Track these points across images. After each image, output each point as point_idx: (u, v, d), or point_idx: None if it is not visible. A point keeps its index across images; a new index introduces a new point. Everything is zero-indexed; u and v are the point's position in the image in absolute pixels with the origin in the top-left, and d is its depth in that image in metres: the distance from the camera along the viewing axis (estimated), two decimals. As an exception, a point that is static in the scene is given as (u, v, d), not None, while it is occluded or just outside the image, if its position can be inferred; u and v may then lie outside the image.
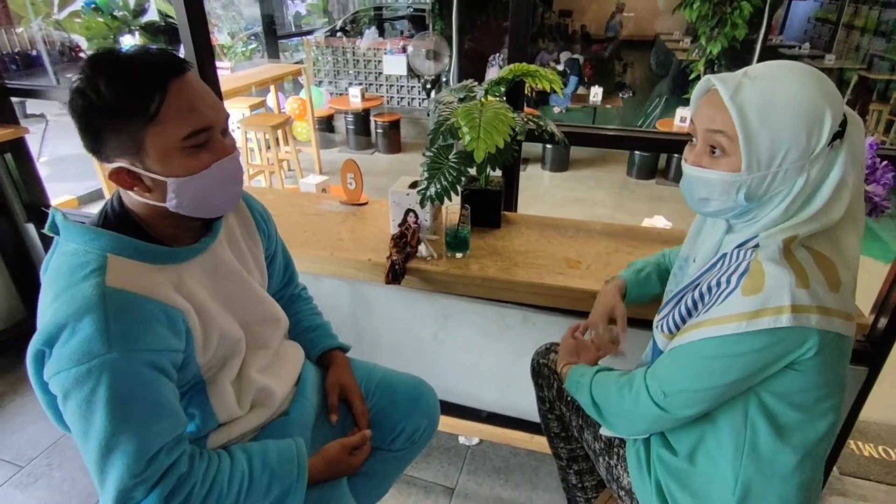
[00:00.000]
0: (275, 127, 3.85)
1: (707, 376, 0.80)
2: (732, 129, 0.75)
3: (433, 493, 1.73)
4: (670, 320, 0.90)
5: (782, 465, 0.83)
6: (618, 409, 0.91)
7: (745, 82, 0.76)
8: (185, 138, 0.74)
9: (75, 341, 0.68)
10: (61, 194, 3.94)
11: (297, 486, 0.86)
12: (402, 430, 1.14)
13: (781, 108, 0.73)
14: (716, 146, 0.78)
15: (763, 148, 0.74)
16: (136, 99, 0.70)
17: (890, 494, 1.81)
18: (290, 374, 1.03)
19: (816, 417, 0.81)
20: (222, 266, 0.89)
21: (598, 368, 1.01)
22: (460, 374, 1.79)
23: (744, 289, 0.75)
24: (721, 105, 0.76)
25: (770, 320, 0.73)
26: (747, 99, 0.74)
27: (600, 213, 4.24)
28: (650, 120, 5.63)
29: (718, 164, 0.78)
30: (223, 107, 0.81)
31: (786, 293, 0.72)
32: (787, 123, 0.73)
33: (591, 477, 1.27)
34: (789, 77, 0.75)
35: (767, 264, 0.75)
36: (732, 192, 0.78)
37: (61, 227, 0.77)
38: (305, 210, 1.65)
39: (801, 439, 0.82)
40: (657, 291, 1.13)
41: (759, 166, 0.75)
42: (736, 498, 0.85)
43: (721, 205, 0.80)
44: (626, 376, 0.92)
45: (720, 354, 0.77)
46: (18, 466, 1.83)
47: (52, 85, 5.30)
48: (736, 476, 0.85)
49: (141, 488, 0.71)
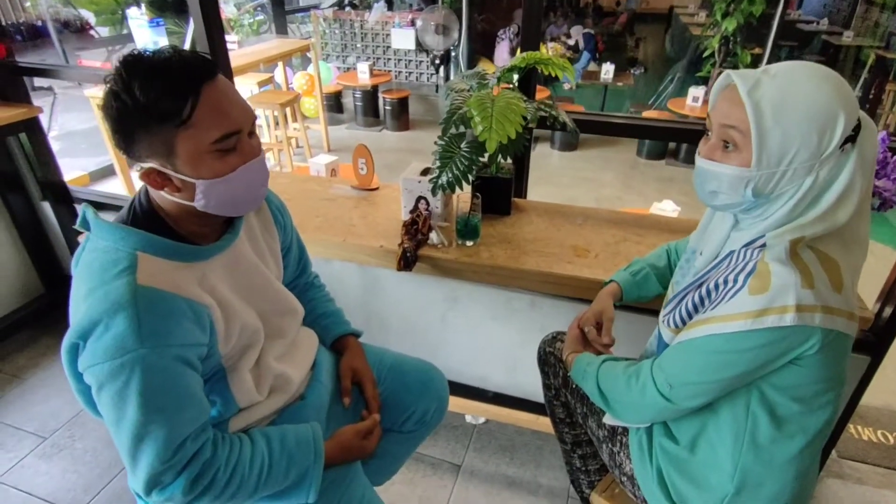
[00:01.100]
0: (283, 105, 3.83)
1: (712, 370, 0.82)
2: (746, 124, 0.76)
3: (440, 469, 1.79)
4: (676, 315, 0.92)
5: (780, 454, 0.86)
6: (624, 399, 0.94)
7: (764, 79, 0.77)
8: (215, 142, 0.76)
9: (109, 337, 0.71)
10: (73, 170, 3.97)
11: (314, 468, 0.90)
12: (412, 413, 1.18)
13: (795, 108, 0.74)
14: (729, 141, 0.80)
15: (774, 145, 0.76)
16: (170, 103, 0.72)
17: (886, 477, 1.86)
18: (305, 360, 1.07)
19: (815, 410, 0.84)
20: (242, 261, 0.92)
21: (604, 358, 1.03)
22: (468, 356, 1.83)
23: (750, 288, 0.77)
24: (737, 100, 0.77)
25: (775, 319, 0.75)
26: (764, 96, 0.75)
27: (608, 195, 4.23)
28: (662, 99, 5.54)
29: (730, 158, 0.80)
30: (251, 108, 0.82)
31: (791, 293, 0.74)
32: (800, 123, 0.74)
33: (595, 461, 1.30)
34: (807, 78, 0.75)
35: (774, 265, 0.76)
36: (741, 187, 0.79)
37: (92, 224, 0.79)
38: (318, 195, 1.66)
39: (799, 430, 0.85)
40: (657, 291, 1.15)
41: (769, 163, 0.77)
42: (734, 485, 0.89)
43: (729, 199, 0.82)
44: (633, 367, 0.95)
45: (726, 350, 0.80)
46: (42, 438, 1.90)
47: (63, 64, 5.26)
48: (735, 464, 0.88)
49: (169, 473, 0.75)
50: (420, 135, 5.55)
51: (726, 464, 0.89)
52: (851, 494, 1.79)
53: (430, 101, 6.01)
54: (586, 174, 4.59)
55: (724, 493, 0.90)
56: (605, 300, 1.15)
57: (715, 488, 0.91)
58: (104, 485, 1.74)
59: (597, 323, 1.13)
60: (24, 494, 1.70)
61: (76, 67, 3.47)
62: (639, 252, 1.36)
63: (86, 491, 1.72)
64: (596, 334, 1.12)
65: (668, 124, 1.53)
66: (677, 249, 1.19)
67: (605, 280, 1.24)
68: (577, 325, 1.14)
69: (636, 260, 1.19)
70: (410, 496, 1.69)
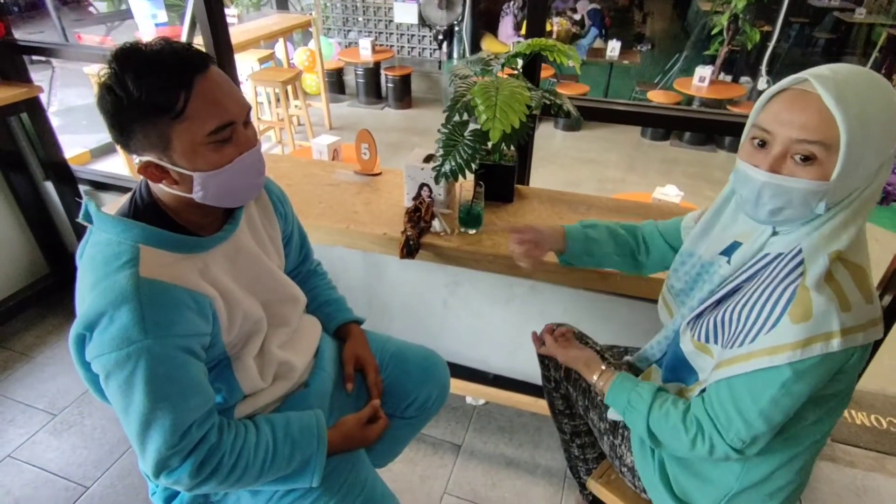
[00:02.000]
0: (285, 82, 3.79)
1: (778, 408, 0.78)
2: (835, 138, 0.69)
3: (441, 448, 1.84)
4: (707, 327, 0.87)
5: (787, 454, 0.88)
6: (688, 453, 0.88)
7: (842, 85, 0.70)
8: (210, 134, 0.76)
9: (114, 328, 0.73)
10: (73, 147, 3.95)
11: (317, 454, 0.93)
12: (414, 399, 1.21)
13: (876, 117, 0.70)
14: (808, 156, 0.72)
15: (863, 159, 0.71)
16: (164, 96, 0.72)
17: (877, 461, 1.90)
18: (308, 347, 1.09)
19: (824, 416, 0.85)
20: (243, 251, 0.93)
21: (650, 399, 0.92)
22: (468, 339, 1.85)
23: (792, 316, 0.73)
24: (821, 110, 0.70)
25: (821, 346, 0.73)
26: (850, 103, 0.69)
27: (612, 176, 4.20)
28: (668, 78, 5.46)
29: (804, 171, 0.72)
30: (245, 99, 0.82)
31: (834, 319, 0.72)
32: (882, 133, 0.70)
33: (593, 450, 1.32)
34: (877, 87, 0.71)
35: (813, 293, 0.73)
36: (814, 202, 0.73)
37: (95, 217, 0.80)
38: (320, 180, 1.66)
39: (806, 433, 0.86)
40: (607, 256, 1.11)
41: (854, 176, 0.72)
42: (739, 483, 0.90)
43: (797, 214, 0.76)
44: (690, 418, 0.86)
45: (784, 385, 0.76)
46: (52, 414, 1.95)
47: (64, 43, 5.17)
48: (744, 464, 0.89)
49: (176, 457, 0.78)
50: (423, 113, 5.49)
51: (735, 462, 0.89)
52: (842, 477, 1.83)
53: (432, 78, 5.93)
54: (590, 155, 4.56)
55: (728, 489, 0.92)
56: (550, 234, 1.11)
57: (718, 484, 0.92)
58: (114, 460, 1.79)
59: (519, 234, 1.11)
60: (36, 469, 1.75)
61: (77, 46, 3.42)
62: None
63: (96, 466, 1.77)
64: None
65: (671, 112, 1.52)
66: (651, 234, 1.14)
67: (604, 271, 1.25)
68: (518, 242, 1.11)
69: (593, 220, 1.16)
70: (411, 475, 1.74)
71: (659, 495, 1.01)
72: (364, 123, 5.20)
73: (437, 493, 1.69)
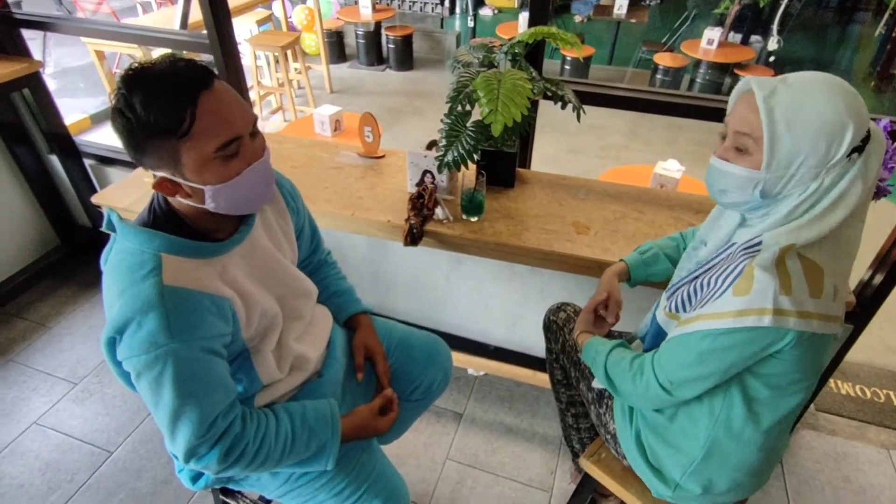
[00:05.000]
0: (284, 47, 3.72)
1: (705, 364, 0.90)
2: (759, 131, 0.81)
3: (444, 417, 1.94)
4: (677, 300, 1.00)
5: (749, 433, 0.96)
6: (631, 391, 1.03)
7: (780, 88, 0.81)
8: (217, 150, 0.79)
9: (142, 333, 0.79)
10: (72, 111, 3.92)
11: (331, 441, 1.00)
12: (419, 384, 1.28)
13: (807, 118, 0.78)
14: (741, 147, 0.85)
15: (784, 151, 0.80)
16: (170, 117, 0.75)
17: (858, 430, 2.00)
18: (321, 338, 1.15)
19: (787, 395, 0.93)
20: (259, 249, 0.98)
21: (611, 347, 1.09)
22: (470, 313, 1.92)
23: (735, 289, 0.85)
24: (753, 107, 0.81)
25: (754, 319, 0.82)
26: (779, 103, 0.80)
27: (614, 142, 4.18)
28: (676, 38, 5.32)
29: (741, 160, 0.85)
30: (251, 110, 0.84)
31: (769, 297, 0.81)
32: (810, 132, 0.78)
33: (586, 420, 1.44)
34: (820, 90, 0.79)
35: (758, 270, 0.82)
36: (749, 188, 0.85)
37: (118, 226, 0.85)
38: (325, 162, 1.69)
39: (769, 412, 0.95)
40: (668, 271, 1.19)
41: (778, 167, 0.81)
42: (702, 452, 1.00)
43: (738, 198, 0.88)
44: (637, 362, 1.02)
45: (713, 346, 0.88)
46: (73, 383, 2.05)
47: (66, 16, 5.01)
48: (707, 436, 0.99)
49: (204, 446, 0.85)
50: (425, 75, 5.38)
51: (700, 434, 1.00)
52: (823, 444, 1.93)
53: (434, 38, 5.78)
54: (594, 121, 4.51)
55: (693, 457, 1.02)
56: (611, 280, 1.20)
57: (686, 452, 1.03)
58: (135, 426, 1.89)
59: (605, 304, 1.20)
60: (62, 436, 1.86)
61: (78, 20, 3.37)
62: (637, 229, 1.40)
63: (118, 432, 1.88)
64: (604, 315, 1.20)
65: (676, 99, 1.53)
66: (689, 237, 1.24)
67: (602, 259, 1.30)
68: (592, 309, 1.20)
69: (647, 242, 1.24)
70: (416, 442, 1.85)
71: (636, 461, 1.12)
72: (365, 86, 5.11)
73: (440, 458, 1.80)
